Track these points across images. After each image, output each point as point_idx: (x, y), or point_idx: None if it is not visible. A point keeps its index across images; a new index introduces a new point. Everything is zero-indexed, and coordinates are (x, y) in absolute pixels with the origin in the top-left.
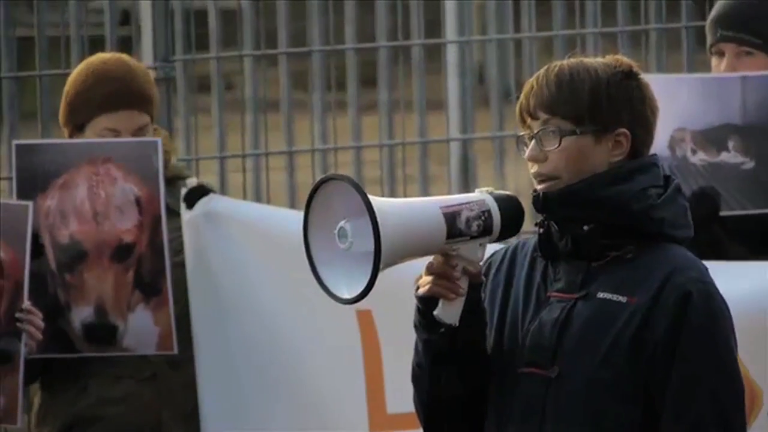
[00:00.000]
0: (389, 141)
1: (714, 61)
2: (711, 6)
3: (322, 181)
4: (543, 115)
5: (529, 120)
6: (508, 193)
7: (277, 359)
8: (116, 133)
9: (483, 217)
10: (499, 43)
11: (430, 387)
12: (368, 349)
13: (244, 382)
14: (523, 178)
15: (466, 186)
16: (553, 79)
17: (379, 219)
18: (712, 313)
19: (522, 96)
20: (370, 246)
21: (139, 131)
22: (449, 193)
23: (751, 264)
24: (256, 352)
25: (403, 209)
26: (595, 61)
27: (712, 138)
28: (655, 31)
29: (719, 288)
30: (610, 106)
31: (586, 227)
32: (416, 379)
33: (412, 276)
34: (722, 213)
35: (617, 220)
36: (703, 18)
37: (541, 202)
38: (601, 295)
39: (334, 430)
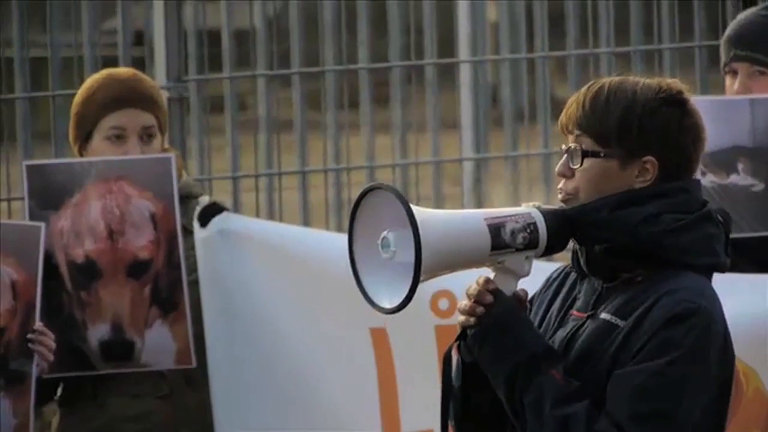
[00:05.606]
0: (402, 161)
1: (727, 80)
2: (725, 25)
3: (368, 190)
4: (576, 132)
5: (566, 134)
6: (556, 207)
7: (291, 378)
8: (121, 131)
9: (529, 230)
10: (513, 63)
11: (463, 406)
12: (382, 367)
13: (258, 404)
14: (536, 198)
15: (480, 206)
16: (590, 97)
17: (420, 230)
18: (688, 326)
19: (564, 109)
20: (412, 257)
21: (146, 130)
22: None
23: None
24: (271, 372)
25: (447, 220)
26: (639, 82)
27: (722, 160)
28: (668, 51)
29: (737, 300)
30: (639, 132)
31: (597, 248)
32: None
33: (428, 295)
34: (733, 235)
35: (624, 243)
36: (716, 38)
37: None
38: (603, 315)
39: None
